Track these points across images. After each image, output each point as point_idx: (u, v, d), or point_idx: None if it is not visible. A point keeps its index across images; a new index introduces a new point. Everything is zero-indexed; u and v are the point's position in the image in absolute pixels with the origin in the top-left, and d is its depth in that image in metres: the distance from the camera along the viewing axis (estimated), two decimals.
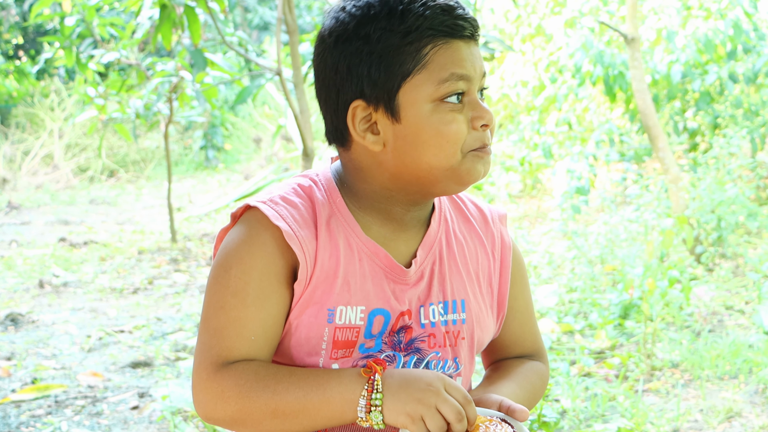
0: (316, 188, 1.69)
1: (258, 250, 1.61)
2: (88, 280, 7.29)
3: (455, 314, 1.73)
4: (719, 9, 7.86)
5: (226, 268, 1.62)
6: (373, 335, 1.65)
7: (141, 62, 7.65)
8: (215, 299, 1.61)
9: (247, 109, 14.72)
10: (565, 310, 5.62)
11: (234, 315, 1.59)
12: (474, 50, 1.64)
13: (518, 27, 9.06)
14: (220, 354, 1.58)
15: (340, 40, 1.62)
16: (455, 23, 1.61)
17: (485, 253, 1.81)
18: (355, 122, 1.63)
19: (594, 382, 4.46)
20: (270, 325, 1.61)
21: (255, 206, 1.63)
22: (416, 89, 1.60)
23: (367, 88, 1.61)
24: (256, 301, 1.60)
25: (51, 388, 4.79)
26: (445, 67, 1.60)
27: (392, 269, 1.67)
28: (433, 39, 1.59)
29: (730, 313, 5.51)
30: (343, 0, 1.66)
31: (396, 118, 1.61)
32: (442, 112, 1.60)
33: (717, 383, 4.48)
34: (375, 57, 1.60)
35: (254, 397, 1.55)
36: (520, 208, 9.11)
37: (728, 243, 6.42)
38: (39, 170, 13.37)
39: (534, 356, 1.90)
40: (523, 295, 1.88)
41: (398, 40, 1.59)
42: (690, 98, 8.18)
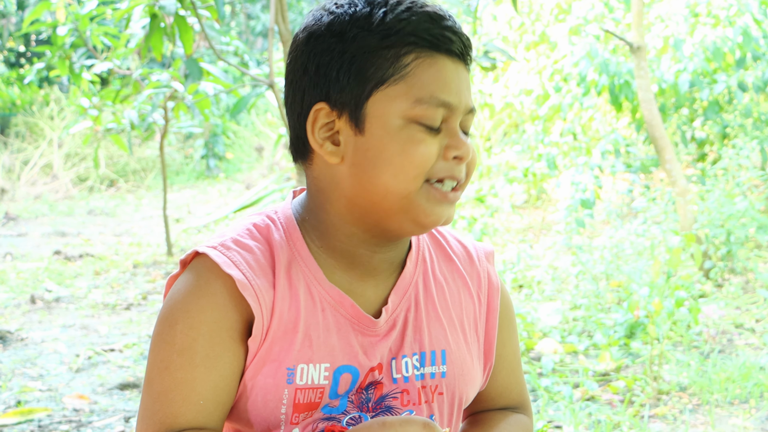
0: (274, 228, 1.50)
1: (207, 302, 1.41)
2: (81, 295, 7.14)
3: (433, 367, 1.53)
4: (728, 16, 7.71)
5: (172, 323, 1.42)
6: (339, 395, 1.46)
7: (134, 72, 7.50)
8: (159, 359, 1.42)
9: (249, 117, 14.60)
10: (568, 328, 5.44)
11: (180, 376, 1.40)
12: (462, 75, 1.45)
13: (522, 35, 8.91)
14: (164, 421, 1.39)
15: (312, 37, 1.44)
16: (442, 34, 1.41)
17: (470, 296, 1.62)
18: (315, 127, 1.43)
19: (598, 407, 4.28)
20: (221, 388, 1.42)
21: (204, 252, 1.44)
22: (388, 101, 1.40)
23: (334, 91, 1.42)
24: (206, 360, 1.40)
25: (35, 411, 4.63)
26: (426, 85, 1.40)
27: (359, 320, 1.48)
28: (416, 48, 1.40)
29: (740, 331, 5.32)
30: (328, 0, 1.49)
31: (360, 129, 1.42)
32: (412, 131, 1.40)
33: (727, 408, 4.29)
34: (347, 57, 1.41)
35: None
36: (524, 220, 8.94)
37: (738, 258, 6.24)
38: (38, 180, 13.25)
39: (518, 409, 1.71)
40: (511, 342, 1.69)
41: (376, 42, 1.40)
42: (698, 107, 8.02)
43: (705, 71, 7.56)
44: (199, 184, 13.62)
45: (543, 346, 5.08)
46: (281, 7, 5.25)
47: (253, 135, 14.51)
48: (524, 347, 5.11)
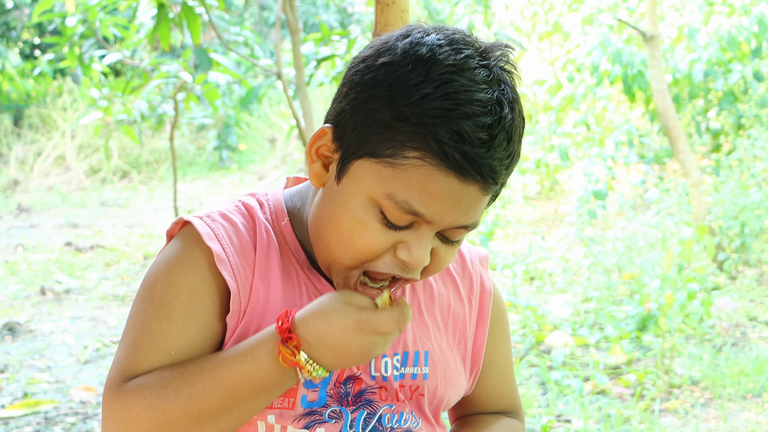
0: (260, 210, 1.45)
1: (190, 264, 1.37)
2: (91, 286, 7.13)
3: (415, 368, 1.49)
4: (743, 5, 7.65)
5: (152, 282, 1.37)
6: (316, 385, 1.41)
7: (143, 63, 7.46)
8: (135, 313, 1.37)
9: (262, 108, 14.55)
10: (579, 321, 5.39)
11: (153, 327, 1.34)
12: (466, 195, 1.29)
13: (534, 24, 8.85)
14: (126, 368, 1.32)
15: (364, 62, 1.34)
16: (460, 163, 1.26)
17: (459, 299, 1.56)
18: (316, 143, 1.37)
19: (608, 401, 4.23)
20: (197, 346, 1.35)
21: (189, 221, 1.40)
22: (368, 174, 1.31)
23: (342, 128, 1.34)
24: (183, 316, 1.34)
25: (41, 403, 4.63)
26: (409, 189, 1.28)
27: None
28: (427, 151, 1.26)
29: (754, 324, 5.27)
30: (421, 28, 1.34)
31: (338, 178, 1.35)
32: (368, 213, 1.31)
33: (739, 402, 4.25)
34: (366, 110, 1.30)
35: (167, 408, 1.29)
36: (536, 211, 8.88)
37: (752, 250, 6.17)
38: (51, 171, 13.26)
39: (510, 414, 1.66)
40: (503, 347, 1.63)
41: (390, 117, 1.28)
42: (713, 98, 7.95)
43: (720, 61, 7.48)
44: (212, 176, 13.61)
45: (553, 339, 5.04)
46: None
47: (266, 126, 14.48)
48: (534, 340, 5.06)
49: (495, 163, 1.28)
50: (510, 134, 1.29)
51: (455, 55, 1.28)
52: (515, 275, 6.17)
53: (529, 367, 4.74)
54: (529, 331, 5.13)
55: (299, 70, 5.37)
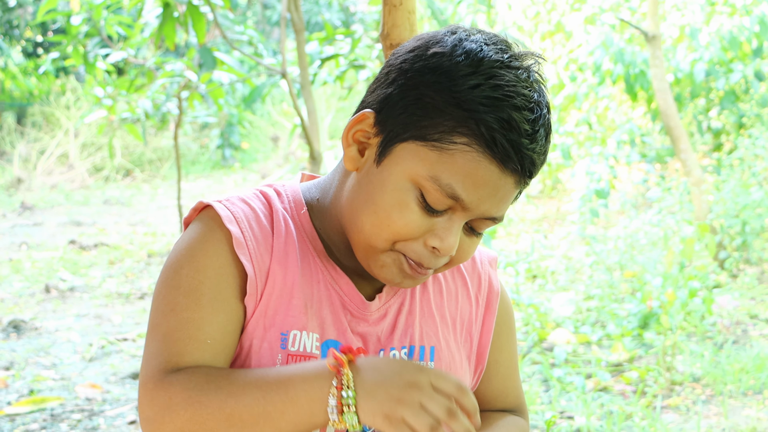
0: (278, 198, 1.49)
1: (213, 248, 1.40)
2: (95, 284, 7.17)
3: (421, 362, 1.51)
4: (744, 5, 7.67)
5: (177, 268, 1.40)
6: None
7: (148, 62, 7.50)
8: (165, 302, 1.39)
9: (265, 107, 14.58)
10: (582, 319, 5.42)
11: (186, 316, 1.37)
12: (504, 187, 1.35)
13: (537, 24, 8.88)
14: (169, 360, 1.35)
15: (412, 53, 1.38)
16: (507, 150, 1.32)
17: (467, 298, 1.60)
18: (354, 127, 1.41)
19: (610, 398, 4.26)
20: (229, 331, 1.39)
21: (210, 205, 1.43)
22: (413, 157, 1.35)
23: (386, 112, 1.38)
24: (212, 302, 1.38)
25: (47, 400, 4.66)
26: (453, 173, 1.33)
27: (352, 299, 1.47)
28: (474, 138, 1.32)
29: (755, 322, 5.30)
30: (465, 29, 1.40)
31: (379, 161, 1.38)
32: (409, 196, 1.36)
33: (740, 399, 4.28)
34: (414, 95, 1.35)
35: (205, 402, 1.32)
36: (539, 210, 8.91)
37: (753, 248, 6.20)
38: (54, 170, 13.30)
39: (515, 412, 1.69)
40: (509, 347, 1.66)
41: (442, 101, 1.32)
42: (714, 97, 7.98)
43: (721, 60, 7.51)
44: (215, 174, 13.64)
45: (556, 337, 5.07)
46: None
47: (268, 125, 14.51)
48: (537, 337, 5.09)
49: (535, 156, 1.34)
50: (548, 132, 1.36)
51: (500, 54, 1.34)
52: (518, 273, 6.20)
53: (532, 364, 4.77)
54: (531, 328, 5.17)
55: (303, 69, 5.40)
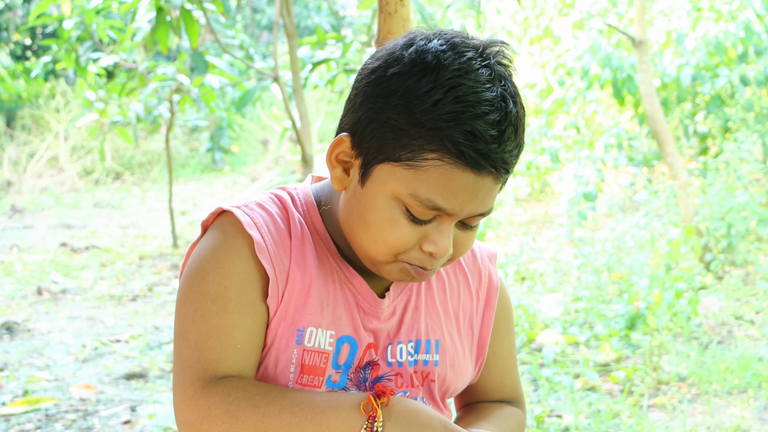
0: (292, 203, 1.55)
1: (237, 254, 1.46)
2: (87, 286, 7.21)
3: (427, 354, 1.60)
4: (730, 11, 7.75)
5: (203, 274, 1.46)
6: (340, 366, 1.52)
7: (141, 65, 7.55)
8: (193, 308, 1.45)
9: (255, 110, 14.63)
10: (570, 320, 5.49)
11: (216, 323, 1.44)
12: (482, 186, 1.41)
13: (525, 29, 8.95)
14: (206, 368, 1.42)
15: (374, 73, 1.44)
16: (476, 160, 1.37)
17: (468, 292, 1.67)
18: (335, 150, 1.47)
19: (598, 397, 4.34)
20: (256, 333, 1.46)
21: (229, 210, 1.49)
22: (391, 177, 1.41)
23: (360, 135, 1.44)
24: (239, 307, 1.45)
25: (42, 401, 4.69)
26: (431, 188, 1.39)
27: (365, 297, 1.54)
28: (443, 152, 1.37)
29: (740, 323, 5.38)
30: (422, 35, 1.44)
31: (362, 182, 1.45)
32: (394, 212, 1.42)
33: (725, 398, 4.35)
34: (382, 117, 1.41)
35: (242, 417, 1.39)
36: (527, 213, 8.99)
37: (738, 250, 6.29)
38: (44, 173, 13.31)
39: (513, 403, 1.77)
40: (507, 340, 1.74)
41: (409, 125, 1.38)
42: (700, 102, 8.07)
43: (707, 65, 7.60)
44: (205, 177, 13.68)
45: (544, 337, 5.14)
46: (286, 1, 5.31)
47: (258, 128, 14.56)
48: (526, 338, 5.17)
49: (506, 155, 1.39)
50: (516, 126, 1.40)
51: (459, 59, 1.38)
52: (507, 275, 6.28)
53: (521, 364, 4.84)
54: (520, 329, 5.24)
55: (296, 73, 5.46)
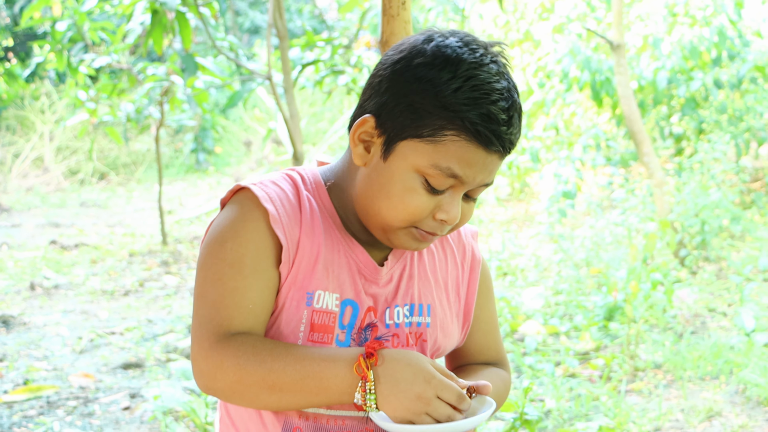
0: (302, 180, 1.77)
1: (253, 225, 1.66)
2: (79, 282, 7.34)
3: (420, 317, 1.81)
4: (704, 16, 7.97)
5: (221, 242, 1.67)
6: (344, 326, 1.72)
7: (132, 66, 7.70)
8: (212, 272, 1.66)
9: (238, 112, 14.78)
10: (551, 312, 5.70)
11: (232, 285, 1.64)
12: (490, 161, 1.62)
13: (507, 32, 9.15)
14: (220, 324, 1.62)
15: (399, 63, 1.65)
16: (489, 138, 1.59)
17: (455, 264, 1.89)
18: (358, 130, 1.68)
19: (578, 382, 4.54)
20: (266, 296, 1.66)
21: (246, 187, 1.69)
22: (414, 151, 1.62)
23: (385, 116, 1.65)
24: (253, 272, 1.65)
25: (43, 389, 4.84)
26: (450, 159, 1.61)
27: (366, 265, 1.75)
28: (460, 130, 1.59)
29: (713, 315, 5.60)
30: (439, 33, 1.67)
31: (385, 157, 1.66)
32: (416, 183, 1.63)
33: (698, 384, 4.56)
34: (407, 101, 1.62)
35: (251, 370, 1.59)
36: (508, 212, 9.19)
37: (712, 246, 6.51)
38: (29, 173, 13.40)
39: (497, 364, 1.98)
40: (488, 307, 1.96)
41: (433, 106, 1.60)
42: (675, 104, 8.28)
43: (682, 69, 7.83)
44: (189, 178, 13.81)
45: (526, 328, 5.34)
46: (278, 5, 5.49)
47: (241, 130, 14.70)
48: (509, 329, 5.37)
49: (512, 137, 1.62)
50: (520, 114, 1.64)
51: (473, 54, 1.62)
52: (485, 259, 6.47)
53: None
54: (503, 320, 5.44)
55: (287, 74, 5.65)
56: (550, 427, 4.07)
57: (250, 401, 1.64)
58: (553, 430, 4.04)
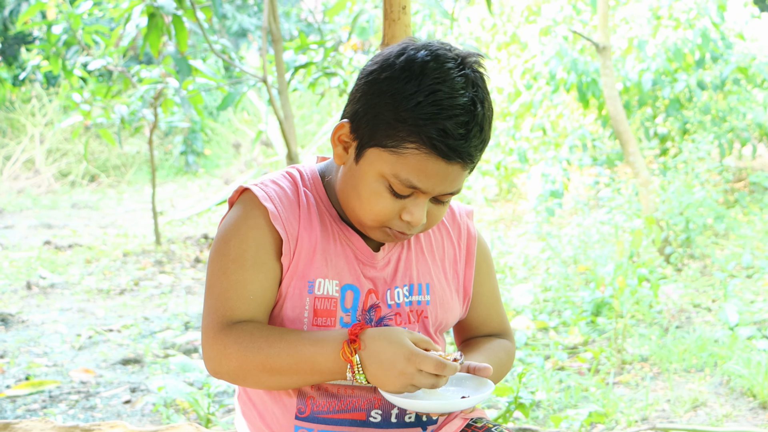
0: (301, 178, 1.93)
1: (253, 223, 1.83)
2: (75, 281, 7.42)
3: (420, 296, 1.95)
4: (688, 19, 8.10)
5: (226, 240, 1.84)
6: (348, 309, 1.87)
7: (126, 69, 7.80)
8: (217, 267, 1.83)
9: (227, 114, 14.86)
10: (540, 308, 5.83)
11: (234, 278, 1.81)
12: (451, 172, 1.75)
13: (494, 35, 9.26)
14: (224, 314, 1.80)
15: (373, 74, 1.78)
16: (447, 152, 1.71)
17: (451, 243, 2.03)
18: (337, 133, 1.84)
19: (567, 375, 4.67)
20: (267, 287, 1.83)
21: (248, 188, 1.87)
22: (379, 159, 1.77)
23: (357, 123, 1.80)
24: (254, 265, 1.81)
25: (45, 383, 4.91)
26: (410, 171, 1.75)
27: (362, 252, 1.90)
28: (418, 143, 1.72)
29: (698, 310, 5.73)
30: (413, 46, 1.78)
31: (357, 160, 1.81)
32: (380, 186, 1.78)
33: (684, 376, 4.69)
34: (374, 112, 1.76)
35: (251, 356, 1.75)
36: (496, 212, 9.30)
37: (696, 244, 6.65)
38: (20, 175, 13.44)
39: (501, 335, 2.12)
40: (489, 281, 2.10)
41: (392, 119, 1.73)
42: (660, 105, 8.41)
43: (667, 71, 7.97)
44: (179, 179, 13.87)
45: (516, 323, 5.47)
46: (273, 8, 5.61)
47: (230, 132, 14.78)
48: None
49: (471, 149, 1.74)
50: (482, 126, 1.74)
51: (440, 68, 1.74)
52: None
53: None
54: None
55: (281, 76, 5.76)
56: (542, 417, 4.21)
57: (253, 383, 1.81)
58: (545, 419, 4.17)
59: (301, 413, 1.86)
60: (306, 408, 1.86)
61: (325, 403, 1.86)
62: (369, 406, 1.87)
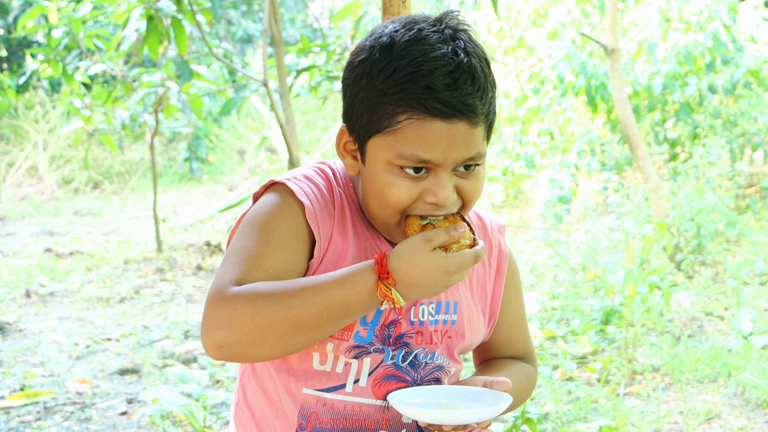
0: (333, 176, 1.77)
1: (289, 209, 1.66)
2: (75, 289, 7.33)
3: (446, 315, 1.80)
4: (698, 21, 8.00)
5: (256, 215, 1.66)
6: (367, 323, 1.72)
7: (127, 74, 7.70)
8: (240, 235, 1.64)
9: (231, 121, 14.78)
10: (547, 316, 5.70)
11: (257, 250, 1.61)
12: (457, 132, 1.58)
13: (500, 39, 9.16)
14: (234, 278, 1.57)
15: (350, 66, 1.65)
16: (439, 108, 1.55)
17: (481, 261, 1.87)
18: (340, 141, 1.70)
19: (576, 386, 4.54)
20: (289, 270, 1.62)
21: (281, 182, 1.69)
22: (380, 147, 1.61)
23: (350, 122, 1.66)
24: (281, 244, 1.63)
25: (40, 394, 4.82)
26: (410, 143, 1.58)
27: None
28: (409, 110, 1.57)
29: (710, 318, 5.60)
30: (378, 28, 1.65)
31: (363, 161, 1.67)
32: (392, 175, 1.61)
33: (697, 386, 4.56)
34: (360, 99, 1.62)
35: (270, 311, 1.51)
36: (502, 218, 9.18)
37: (708, 250, 6.52)
38: (23, 182, 13.38)
39: (524, 359, 1.97)
40: (516, 301, 1.95)
41: (377, 96, 1.59)
42: (670, 109, 8.30)
43: (677, 74, 7.85)
44: (183, 186, 13.80)
45: None
46: (274, 11, 5.50)
47: (234, 138, 14.71)
48: None
49: (467, 99, 1.57)
50: (472, 73, 1.57)
51: (410, 32, 1.59)
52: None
53: None
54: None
55: (282, 80, 5.65)
56: (550, 429, 4.07)
57: (272, 346, 1.55)
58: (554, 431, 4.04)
59: (302, 429, 1.72)
60: (308, 424, 1.72)
61: (329, 420, 1.71)
62: (376, 426, 1.73)
